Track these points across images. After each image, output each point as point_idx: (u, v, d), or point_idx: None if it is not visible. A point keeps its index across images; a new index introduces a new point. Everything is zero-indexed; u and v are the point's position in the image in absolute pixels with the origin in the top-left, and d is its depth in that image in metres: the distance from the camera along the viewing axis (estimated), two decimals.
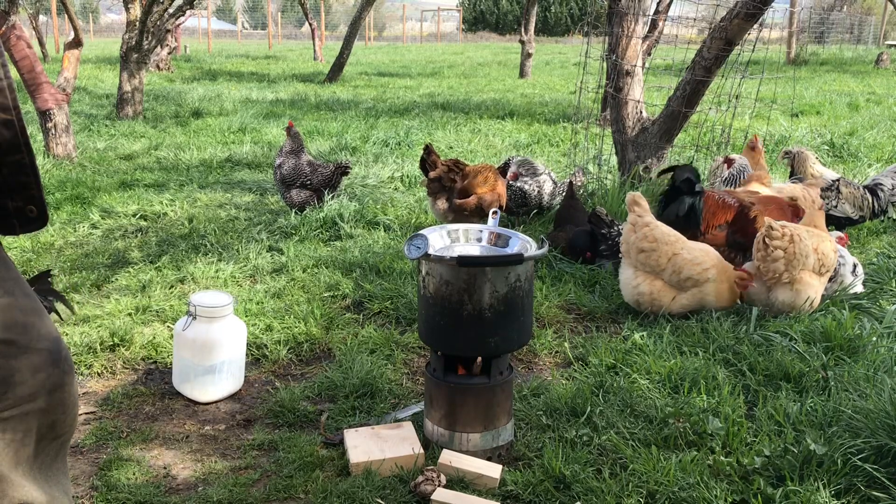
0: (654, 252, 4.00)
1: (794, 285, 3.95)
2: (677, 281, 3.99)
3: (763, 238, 3.95)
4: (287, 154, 5.99)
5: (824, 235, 4.15)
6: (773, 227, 3.94)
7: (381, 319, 4.16)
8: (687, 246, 4.05)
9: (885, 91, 15.38)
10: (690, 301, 4.02)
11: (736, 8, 5.48)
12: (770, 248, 3.91)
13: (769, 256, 3.92)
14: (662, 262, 3.99)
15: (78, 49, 8.62)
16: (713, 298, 4.02)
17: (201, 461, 2.87)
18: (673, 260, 3.99)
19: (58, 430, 1.38)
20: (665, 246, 4.01)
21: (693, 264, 3.98)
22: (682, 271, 3.97)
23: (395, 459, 2.74)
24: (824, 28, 32.28)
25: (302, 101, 13.41)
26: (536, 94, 14.99)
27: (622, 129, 6.28)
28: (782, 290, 3.96)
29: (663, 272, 4.00)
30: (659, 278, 4.02)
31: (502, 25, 54.86)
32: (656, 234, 4.02)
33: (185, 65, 21.81)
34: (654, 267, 4.01)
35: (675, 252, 4.00)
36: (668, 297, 4.01)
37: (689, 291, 4.01)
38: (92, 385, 3.44)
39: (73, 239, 5.50)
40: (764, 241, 3.94)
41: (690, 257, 4.00)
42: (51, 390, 1.34)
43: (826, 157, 8.23)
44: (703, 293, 4.00)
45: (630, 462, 2.75)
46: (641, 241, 4.02)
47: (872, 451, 2.64)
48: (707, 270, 3.98)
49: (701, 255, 4.02)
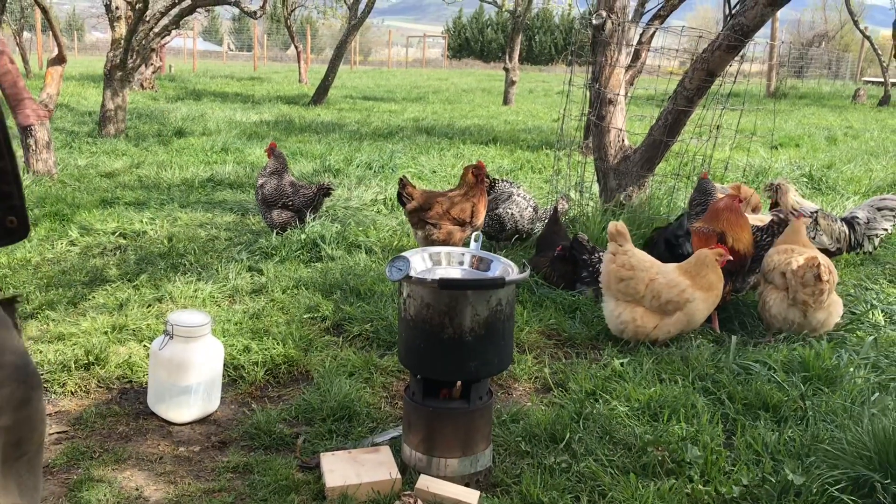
0: (632, 280, 4.02)
1: (829, 308, 4.19)
2: (658, 306, 4.01)
3: (815, 275, 4.06)
4: (270, 174, 5.97)
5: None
6: (820, 264, 4.06)
7: (361, 342, 4.13)
8: (662, 270, 4.08)
9: (863, 126, 15.62)
10: (677, 326, 4.04)
11: (718, 40, 5.56)
12: (823, 284, 4.06)
13: (818, 289, 4.07)
14: (640, 288, 4.01)
15: (61, 66, 8.59)
16: (700, 317, 4.06)
17: (174, 483, 2.83)
18: (650, 286, 4.01)
19: (24, 447, 1.34)
20: (642, 272, 4.03)
21: (669, 287, 4.00)
22: (661, 295, 4.00)
23: (372, 484, 2.71)
24: (803, 63, 32.84)
25: (286, 123, 13.41)
26: (520, 122, 15.09)
27: (604, 157, 6.32)
28: (821, 312, 4.17)
29: (643, 299, 4.02)
30: (640, 305, 4.03)
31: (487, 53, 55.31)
32: (633, 262, 4.05)
33: (169, 84, 21.77)
34: (633, 295, 4.03)
35: (652, 277, 4.03)
36: (651, 323, 4.02)
37: (673, 316, 4.02)
38: (65, 404, 3.38)
39: (51, 256, 5.44)
40: (818, 277, 4.05)
41: (666, 280, 4.02)
42: (17, 406, 1.30)
43: (805, 189, 8.33)
44: (688, 314, 4.02)
45: (608, 490, 2.74)
46: (620, 270, 4.05)
47: (850, 482, 2.64)
48: (684, 292, 4.00)
49: (676, 277, 4.05)
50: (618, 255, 4.07)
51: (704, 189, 5.58)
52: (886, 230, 5.69)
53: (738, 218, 4.58)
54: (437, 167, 9.37)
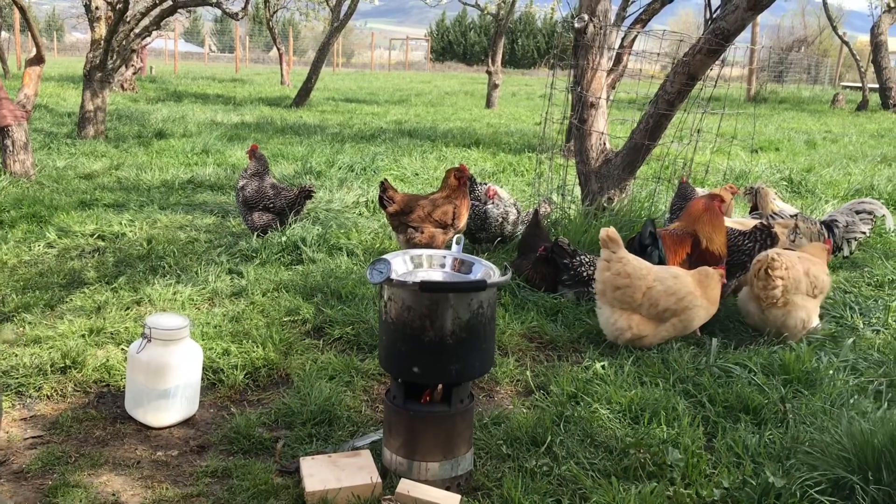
0: (629, 288, 3.96)
1: (787, 307, 4.17)
2: (655, 314, 3.98)
3: (765, 269, 4.12)
4: (251, 176, 5.93)
5: (816, 260, 4.36)
6: (774, 257, 4.11)
7: (342, 345, 4.10)
8: (659, 277, 4.02)
9: (841, 130, 15.77)
10: (671, 331, 4.04)
11: (699, 44, 5.58)
12: (772, 280, 4.11)
13: (769, 285, 4.11)
14: (637, 296, 3.96)
15: (39, 66, 8.49)
16: (697, 323, 4.08)
17: (152, 488, 2.79)
18: (647, 294, 3.96)
19: None
20: (638, 280, 3.97)
21: (667, 295, 3.96)
22: (659, 304, 3.96)
23: (352, 489, 2.68)
24: (783, 67, 33.15)
25: (268, 125, 13.35)
26: (502, 125, 15.11)
27: (586, 160, 6.33)
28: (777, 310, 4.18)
29: (640, 307, 3.97)
30: (636, 312, 4.00)
31: (470, 56, 55.46)
32: (629, 270, 3.98)
33: (150, 85, 21.63)
34: (630, 303, 3.97)
35: (649, 285, 3.98)
36: (648, 330, 4.00)
37: (668, 322, 4.01)
38: (40, 408, 3.33)
39: (28, 258, 5.37)
40: (766, 272, 4.12)
41: (664, 288, 3.98)
42: None
43: (784, 193, 8.38)
44: (684, 321, 4.02)
45: (590, 493, 2.73)
46: (616, 278, 3.97)
47: (830, 484, 2.65)
48: (683, 299, 3.97)
49: (675, 285, 4.00)
50: (612, 262, 3.98)
51: (685, 194, 5.61)
52: (864, 233, 5.74)
53: (713, 219, 4.59)
54: (419, 170, 9.36)
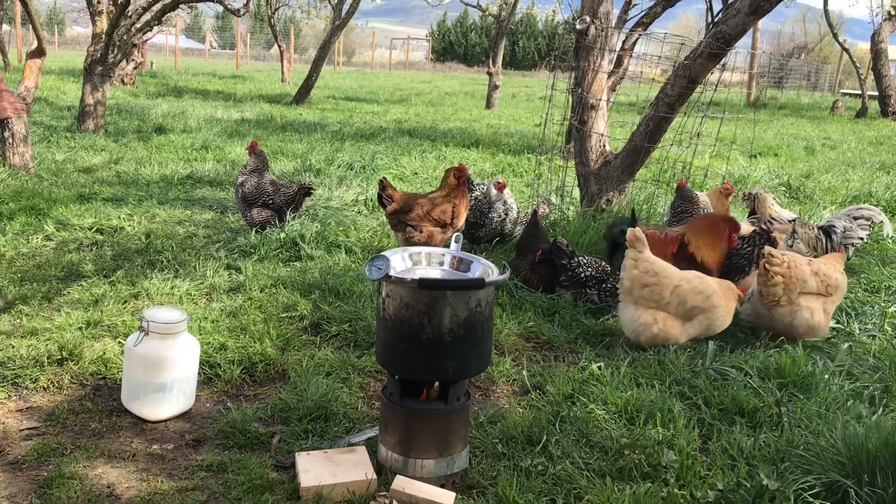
0: (657, 286, 4.07)
1: (792, 307, 4.21)
2: (683, 311, 4.08)
3: (763, 265, 4.19)
4: (250, 172, 5.93)
5: (829, 261, 4.42)
6: (771, 253, 4.17)
7: (339, 342, 4.11)
8: (685, 276, 4.15)
9: (840, 137, 15.80)
10: (697, 329, 4.12)
11: (700, 47, 5.60)
12: (771, 277, 4.17)
13: (769, 281, 4.17)
14: (666, 294, 4.06)
15: (40, 59, 8.48)
16: (720, 323, 4.14)
17: (147, 481, 2.79)
18: (675, 291, 4.07)
19: None
20: (666, 279, 4.09)
21: (695, 293, 4.07)
22: (687, 301, 4.06)
23: (348, 484, 2.69)
24: (783, 74, 33.21)
25: (268, 122, 13.34)
26: (502, 126, 15.11)
27: (585, 162, 6.34)
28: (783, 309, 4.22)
29: (668, 305, 4.07)
30: (663, 310, 4.08)
31: (470, 57, 55.46)
32: (656, 269, 4.10)
33: (150, 80, 21.61)
34: (657, 300, 4.07)
35: (676, 284, 4.09)
36: (676, 327, 4.09)
37: (696, 319, 4.10)
38: (37, 400, 3.33)
39: (26, 250, 5.37)
40: (765, 267, 4.18)
41: (691, 287, 4.09)
42: None
43: (783, 198, 8.40)
44: (710, 319, 4.10)
45: (584, 493, 2.74)
46: (644, 276, 4.09)
47: (823, 488, 2.66)
48: (710, 298, 4.08)
49: (700, 284, 4.12)
50: (639, 261, 4.11)
51: (686, 196, 5.60)
52: (862, 239, 5.75)
53: (716, 237, 4.70)
54: (418, 169, 9.36)
